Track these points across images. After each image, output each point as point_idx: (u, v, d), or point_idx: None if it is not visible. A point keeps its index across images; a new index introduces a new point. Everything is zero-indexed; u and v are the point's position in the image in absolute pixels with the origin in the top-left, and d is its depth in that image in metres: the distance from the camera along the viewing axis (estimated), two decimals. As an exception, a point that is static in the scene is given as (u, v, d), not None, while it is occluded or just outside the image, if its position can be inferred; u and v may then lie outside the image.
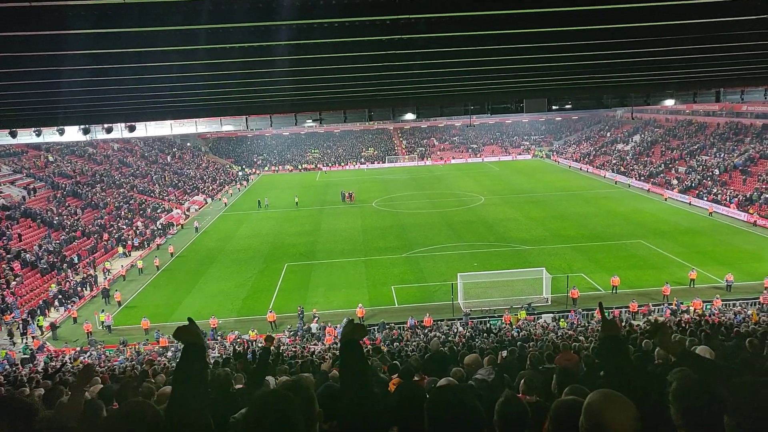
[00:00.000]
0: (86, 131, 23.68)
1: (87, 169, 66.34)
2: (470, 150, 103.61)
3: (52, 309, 34.65)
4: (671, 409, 2.95)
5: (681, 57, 11.41)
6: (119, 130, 26.20)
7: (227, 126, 30.52)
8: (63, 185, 57.40)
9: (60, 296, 35.74)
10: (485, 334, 24.90)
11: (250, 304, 34.42)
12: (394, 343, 22.90)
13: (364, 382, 3.09)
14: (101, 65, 8.94)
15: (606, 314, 3.52)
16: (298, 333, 28.96)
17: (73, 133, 24.92)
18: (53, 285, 36.26)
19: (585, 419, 2.65)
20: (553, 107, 23.56)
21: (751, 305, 29.08)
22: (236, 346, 25.30)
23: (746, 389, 2.83)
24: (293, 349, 23.36)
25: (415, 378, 7.35)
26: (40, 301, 34.37)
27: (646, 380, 3.30)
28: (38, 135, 25.26)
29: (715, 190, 56.04)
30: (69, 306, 35.26)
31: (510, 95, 20.72)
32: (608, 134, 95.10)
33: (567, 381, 4.86)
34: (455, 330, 26.33)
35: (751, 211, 48.54)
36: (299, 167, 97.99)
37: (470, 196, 64.97)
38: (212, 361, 19.30)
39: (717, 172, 60.64)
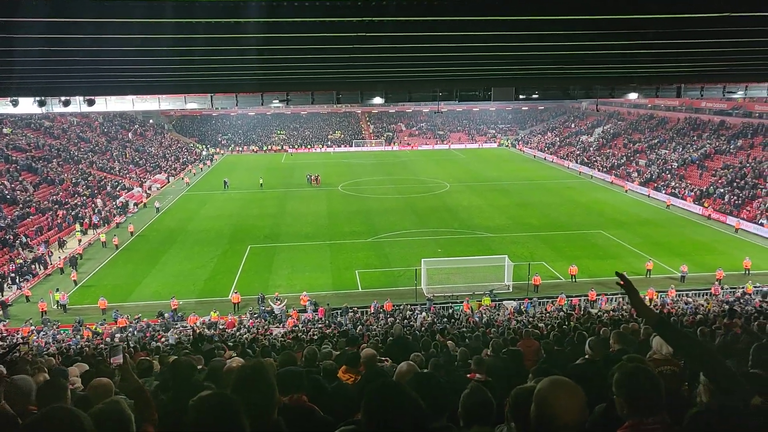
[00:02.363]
0: (42, 104, 22.60)
1: (43, 143, 63.88)
2: (437, 137, 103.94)
3: (5, 287, 33.52)
4: (616, 400, 2.95)
5: (646, 51, 11.62)
6: (77, 104, 25.16)
7: (191, 103, 29.75)
8: (16, 159, 55.22)
9: (12, 274, 34.57)
10: (446, 320, 25.20)
11: (212, 286, 33.96)
12: (357, 327, 22.95)
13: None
14: (58, 35, 8.54)
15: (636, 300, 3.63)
16: (260, 316, 28.76)
17: (27, 105, 23.72)
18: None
19: (535, 406, 2.72)
20: (521, 96, 23.82)
21: (702, 296, 30.13)
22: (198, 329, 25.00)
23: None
24: (255, 332, 23.21)
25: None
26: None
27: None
28: (-10, 106, 24.16)
29: (673, 184, 57.65)
30: (21, 284, 34.17)
31: (478, 83, 20.80)
32: (573, 125, 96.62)
33: None
34: (416, 316, 26.50)
35: (706, 204, 50.15)
36: (264, 148, 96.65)
37: (436, 182, 65.30)
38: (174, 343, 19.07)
39: (675, 165, 62.40)
